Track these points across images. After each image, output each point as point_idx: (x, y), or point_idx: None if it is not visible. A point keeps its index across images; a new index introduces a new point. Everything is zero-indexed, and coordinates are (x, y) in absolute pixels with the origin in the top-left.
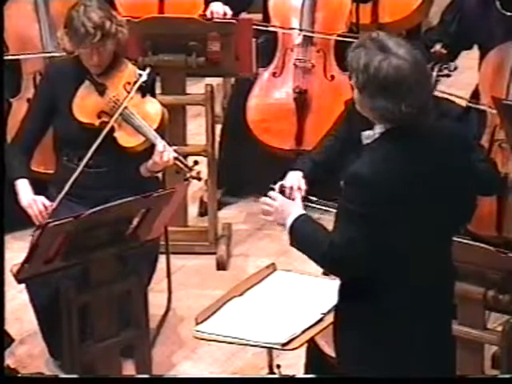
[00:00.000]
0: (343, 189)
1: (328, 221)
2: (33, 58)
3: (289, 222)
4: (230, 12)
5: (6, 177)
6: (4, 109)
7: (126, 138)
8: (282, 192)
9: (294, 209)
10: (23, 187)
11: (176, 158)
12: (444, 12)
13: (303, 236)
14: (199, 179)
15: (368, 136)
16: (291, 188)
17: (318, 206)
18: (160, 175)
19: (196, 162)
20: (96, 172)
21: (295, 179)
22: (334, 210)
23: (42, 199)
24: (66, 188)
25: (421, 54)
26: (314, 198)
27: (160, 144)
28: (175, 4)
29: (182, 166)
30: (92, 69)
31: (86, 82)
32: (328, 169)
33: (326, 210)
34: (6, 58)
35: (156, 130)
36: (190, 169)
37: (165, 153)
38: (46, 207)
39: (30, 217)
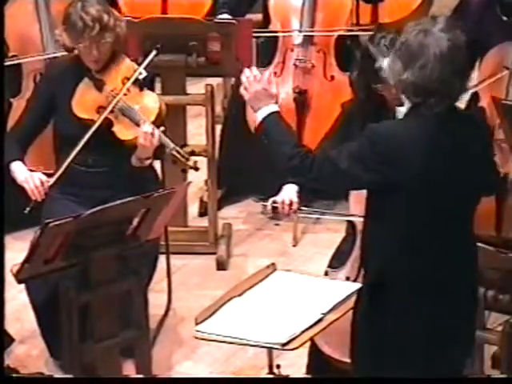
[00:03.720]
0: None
1: (327, 223)
2: (35, 59)
3: (260, 116)
4: None
5: (5, 177)
6: (4, 109)
7: (124, 132)
8: (274, 208)
9: (269, 105)
10: (18, 167)
11: (173, 149)
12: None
13: (278, 140)
14: (196, 169)
15: (402, 112)
16: (282, 202)
17: (310, 216)
18: (160, 175)
19: (193, 153)
20: (96, 172)
21: (287, 194)
22: (324, 217)
23: (38, 175)
24: (63, 167)
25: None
26: (305, 208)
27: (145, 126)
28: (179, 4)
29: (178, 156)
30: (91, 65)
31: (85, 79)
32: None
33: (317, 218)
34: (7, 63)
35: (154, 122)
36: (187, 159)
37: (148, 130)
38: (42, 182)
39: (27, 195)
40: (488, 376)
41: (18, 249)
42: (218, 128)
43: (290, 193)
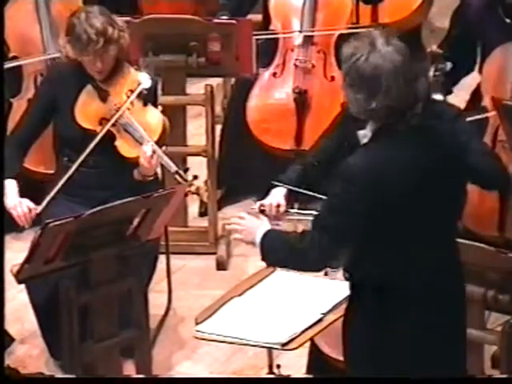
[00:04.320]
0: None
1: None
2: (35, 60)
3: (258, 239)
4: None
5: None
6: (4, 109)
7: (127, 149)
8: (261, 210)
9: (261, 226)
10: (10, 188)
11: (176, 172)
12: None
13: (277, 245)
14: (198, 194)
15: (364, 135)
16: (270, 205)
17: (298, 217)
18: (160, 175)
19: (196, 177)
20: (96, 172)
21: (274, 197)
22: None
23: (26, 202)
24: (55, 189)
25: (412, 55)
26: (293, 210)
27: (146, 147)
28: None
29: (180, 180)
30: (95, 75)
31: (89, 87)
32: (322, 171)
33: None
34: (8, 65)
35: (157, 142)
36: (190, 184)
37: (148, 152)
38: (30, 210)
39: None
40: (488, 376)
41: (17, 249)
42: (218, 128)
43: (277, 196)
